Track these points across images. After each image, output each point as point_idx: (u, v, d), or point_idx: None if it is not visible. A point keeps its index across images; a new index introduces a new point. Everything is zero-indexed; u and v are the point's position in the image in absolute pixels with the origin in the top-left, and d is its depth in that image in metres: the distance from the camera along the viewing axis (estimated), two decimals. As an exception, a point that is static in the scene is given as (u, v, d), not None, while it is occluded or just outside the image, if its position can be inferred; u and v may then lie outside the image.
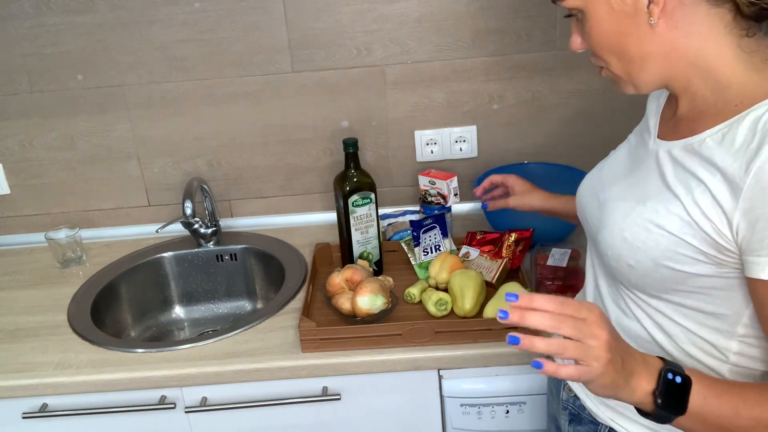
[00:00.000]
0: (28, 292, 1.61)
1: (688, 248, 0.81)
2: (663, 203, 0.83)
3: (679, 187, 0.82)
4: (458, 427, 1.38)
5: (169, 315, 1.73)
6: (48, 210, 1.83)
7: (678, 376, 0.76)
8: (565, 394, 1.07)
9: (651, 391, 0.75)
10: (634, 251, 0.85)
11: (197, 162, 1.78)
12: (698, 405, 0.76)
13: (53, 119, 1.73)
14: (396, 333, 1.30)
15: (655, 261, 0.83)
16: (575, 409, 1.04)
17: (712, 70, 0.82)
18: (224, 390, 1.33)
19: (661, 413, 0.76)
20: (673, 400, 0.75)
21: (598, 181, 1.00)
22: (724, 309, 0.83)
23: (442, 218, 1.56)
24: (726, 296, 0.82)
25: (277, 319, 1.42)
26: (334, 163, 1.77)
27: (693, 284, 0.83)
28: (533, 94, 1.70)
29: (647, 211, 0.85)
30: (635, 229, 0.85)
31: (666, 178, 0.85)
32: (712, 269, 0.81)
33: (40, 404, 1.34)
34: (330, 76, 1.69)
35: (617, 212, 0.90)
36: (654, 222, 0.83)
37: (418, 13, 1.63)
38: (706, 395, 0.76)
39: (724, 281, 0.81)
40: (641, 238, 0.84)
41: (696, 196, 0.79)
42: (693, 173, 0.81)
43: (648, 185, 0.87)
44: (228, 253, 1.73)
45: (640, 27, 0.82)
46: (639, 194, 0.88)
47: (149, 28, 1.64)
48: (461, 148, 1.75)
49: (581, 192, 1.05)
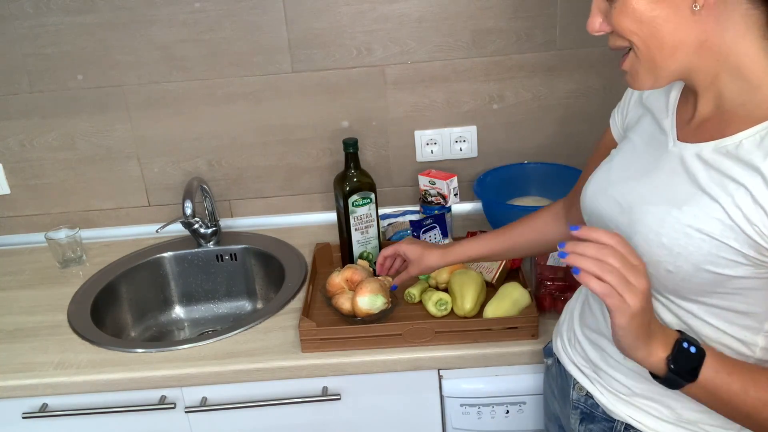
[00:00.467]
0: (28, 292, 1.61)
1: (729, 251, 0.80)
2: (701, 207, 0.82)
3: (717, 191, 0.81)
4: (458, 427, 1.38)
5: (169, 315, 1.73)
6: (48, 210, 1.83)
7: (693, 346, 0.81)
8: (576, 394, 1.05)
9: (665, 356, 0.81)
10: (674, 257, 0.83)
11: (197, 162, 1.78)
12: (709, 377, 0.80)
13: (53, 119, 1.73)
14: (396, 333, 1.30)
15: (696, 265, 0.82)
16: (587, 408, 1.03)
17: (744, 69, 0.81)
18: (224, 390, 1.33)
19: (672, 377, 0.81)
20: (685, 366, 0.80)
21: (610, 184, 0.97)
22: (755, 307, 0.84)
23: (442, 218, 1.56)
24: (759, 295, 0.83)
25: (277, 319, 1.42)
26: (334, 163, 1.77)
27: (730, 286, 0.83)
28: (533, 94, 1.70)
29: (685, 215, 0.83)
30: (674, 234, 0.83)
31: (699, 181, 0.83)
32: (751, 271, 0.81)
33: (40, 404, 1.34)
34: (330, 76, 1.69)
35: (650, 217, 0.87)
36: (694, 227, 0.82)
37: (418, 13, 1.63)
38: (718, 369, 0.80)
39: (759, 281, 0.81)
40: (681, 243, 0.83)
41: (737, 200, 0.79)
42: (730, 176, 0.80)
43: (677, 188, 0.85)
44: (228, 253, 1.73)
45: (679, 12, 0.79)
46: (670, 198, 0.86)
47: (149, 28, 1.64)
48: (461, 148, 1.75)
49: (591, 199, 1.00)
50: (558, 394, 1.13)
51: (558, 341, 1.12)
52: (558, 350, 1.11)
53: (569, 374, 1.07)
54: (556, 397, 1.14)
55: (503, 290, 1.36)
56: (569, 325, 1.10)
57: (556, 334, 1.15)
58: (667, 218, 0.84)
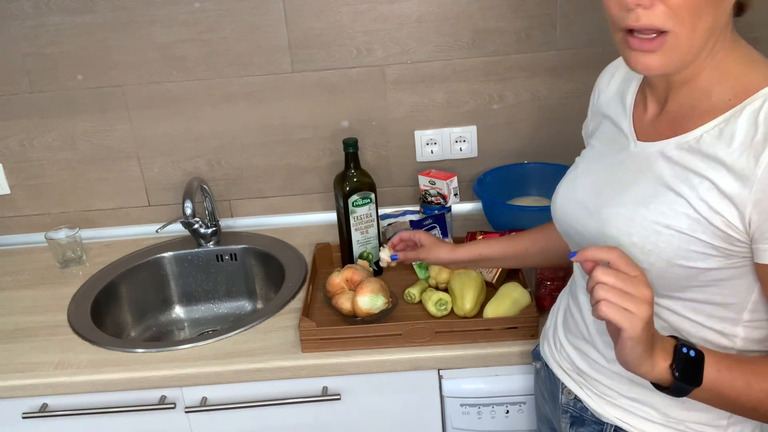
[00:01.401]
0: (28, 292, 1.61)
1: (699, 244, 0.81)
2: (667, 204, 0.83)
3: (682, 186, 0.82)
4: (458, 427, 1.38)
5: (169, 315, 1.73)
6: (48, 210, 1.83)
7: (691, 350, 0.80)
8: (564, 398, 1.06)
9: (668, 366, 0.79)
10: (646, 254, 0.84)
11: (197, 162, 1.78)
12: (713, 378, 0.80)
13: (53, 119, 1.73)
14: (396, 333, 1.30)
15: (669, 261, 0.83)
16: (576, 411, 1.04)
17: (722, 63, 0.82)
18: (224, 390, 1.33)
19: (680, 385, 0.80)
20: (690, 372, 0.80)
21: (576, 192, 0.98)
22: (731, 298, 0.85)
23: (442, 218, 1.56)
24: (733, 285, 0.84)
25: (277, 319, 1.42)
26: (334, 163, 1.77)
27: (704, 279, 0.84)
28: (533, 94, 1.70)
29: (652, 213, 0.84)
30: (643, 233, 0.84)
31: (664, 178, 0.84)
32: (722, 262, 0.82)
33: (40, 404, 1.34)
34: (330, 76, 1.69)
35: (619, 219, 0.88)
36: (662, 223, 0.83)
37: (418, 13, 1.63)
38: (719, 368, 0.80)
39: (732, 271, 0.82)
40: (651, 241, 0.83)
41: (701, 193, 0.80)
42: (694, 170, 0.81)
43: (643, 187, 0.87)
44: (228, 253, 1.73)
45: (724, 1, 0.78)
46: (637, 197, 0.87)
47: (149, 28, 1.64)
48: (461, 148, 1.75)
49: (560, 206, 1.02)
50: (548, 397, 1.13)
51: (545, 346, 1.13)
52: (545, 355, 1.12)
53: (558, 378, 1.07)
54: (547, 400, 1.14)
55: (503, 290, 1.36)
56: (554, 331, 1.11)
57: (543, 338, 1.15)
58: (635, 217, 0.85)
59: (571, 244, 1.03)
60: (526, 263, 1.29)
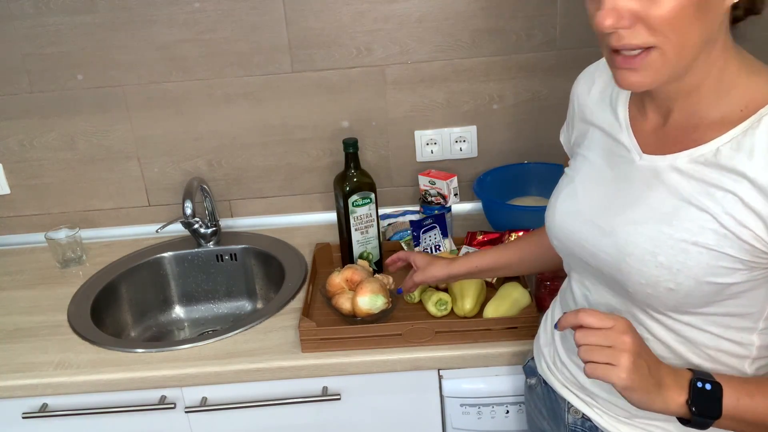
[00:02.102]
0: (28, 292, 1.61)
1: (727, 260, 0.79)
2: (691, 220, 0.80)
3: (705, 200, 0.80)
4: (458, 427, 1.38)
5: (169, 315, 1.73)
6: (48, 210, 1.83)
7: (707, 383, 0.80)
8: (572, 417, 1.03)
9: (684, 401, 0.80)
10: (674, 274, 0.81)
11: (197, 162, 1.78)
12: (732, 407, 0.80)
13: (53, 119, 1.73)
14: (396, 333, 1.30)
15: (697, 279, 0.81)
16: (585, 430, 1.01)
17: (724, 72, 0.81)
18: (224, 390, 1.33)
19: (699, 419, 0.80)
20: (707, 406, 0.80)
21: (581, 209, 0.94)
22: (749, 308, 0.84)
23: (442, 218, 1.56)
24: (752, 296, 0.83)
25: (277, 319, 1.42)
26: (334, 163, 1.77)
27: (728, 293, 0.82)
28: (533, 94, 1.70)
29: (677, 231, 0.81)
30: (670, 252, 0.81)
31: (682, 193, 0.82)
32: (747, 275, 0.80)
33: (40, 404, 1.34)
34: (330, 76, 1.69)
35: (641, 238, 0.84)
36: (689, 241, 0.80)
37: (418, 13, 1.63)
38: (738, 397, 0.80)
39: (753, 283, 0.81)
40: (680, 260, 0.81)
41: (727, 207, 0.78)
42: (715, 185, 0.79)
43: (660, 204, 0.84)
44: (228, 253, 1.73)
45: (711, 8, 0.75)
46: (655, 215, 0.84)
47: (149, 28, 1.64)
48: (461, 148, 1.75)
49: (562, 223, 0.97)
50: (548, 415, 1.10)
51: (542, 362, 1.09)
52: (544, 372, 1.09)
53: (561, 397, 1.05)
54: (546, 417, 1.11)
55: (503, 290, 1.36)
56: (551, 348, 1.07)
57: (538, 354, 1.12)
58: (659, 236, 0.82)
59: (574, 263, 0.99)
60: (521, 271, 1.28)
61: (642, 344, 0.81)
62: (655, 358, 0.82)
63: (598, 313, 0.81)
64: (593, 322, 0.80)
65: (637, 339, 0.80)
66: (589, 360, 0.80)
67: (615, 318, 0.81)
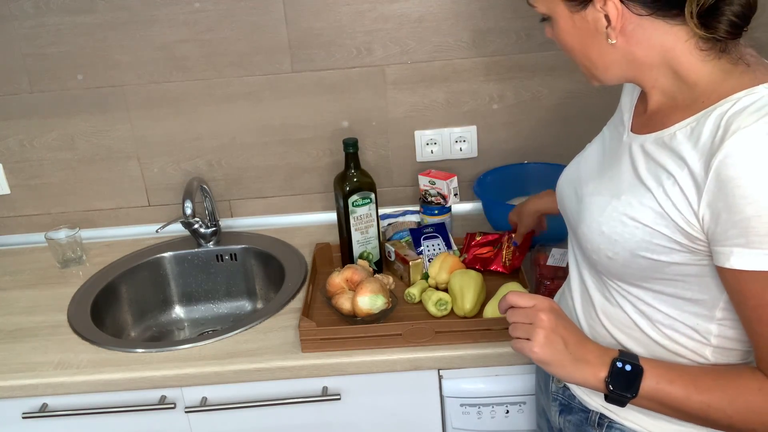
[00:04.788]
0: (28, 292, 1.61)
1: (662, 238, 0.84)
2: (636, 196, 0.86)
3: (651, 180, 0.85)
4: (458, 427, 1.38)
5: (169, 315, 1.73)
6: (48, 210, 1.83)
7: (628, 364, 0.87)
8: (554, 386, 1.09)
9: (603, 377, 0.87)
10: (612, 244, 0.89)
11: (197, 162, 1.78)
12: (650, 389, 0.86)
13: (53, 119, 1.73)
14: (396, 333, 1.30)
15: (632, 252, 0.87)
16: (565, 399, 1.06)
17: (680, 72, 0.85)
18: (224, 390, 1.33)
19: (614, 395, 0.87)
20: (623, 384, 0.86)
21: (577, 176, 1.03)
22: (701, 295, 0.87)
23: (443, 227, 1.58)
24: (702, 282, 0.86)
25: (277, 319, 1.42)
26: (334, 163, 1.77)
27: (669, 272, 0.86)
28: (533, 94, 1.70)
29: (621, 204, 0.88)
30: (611, 223, 0.89)
31: (638, 171, 0.88)
32: (687, 257, 0.84)
33: (40, 404, 1.34)
34: (330, 76, 1.69)
35: (594, 207, 0.93)
36: (628, 215, 0.87)
37: (418, 13, 1.63)
38: (658, 381, 0.86)
39: (699, 268, 0.85)
40: (618, 231, 0.88)
41: (667, 189, 0.82)
42: (663, 166, 0.84)
43: (622, 179, 0.90)
44: (228, 253, 1.73)
45: (601, 43, 0.87)
46: (614, 188, 0.91)
47: (149, 28, 1.64)
48: (461, 148, 1.75)
49: (561, 186, 1.08)
50: (543, 387, 1.15)
51: None
52: None
53: None
54: (542, 390, 1.16)
55: (503, 290, 1.36)
56: None
57: None
58: (606, 208, 0.90)
59: (567, 226, 1.07)
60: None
61: (560, 322, 0.89)
62: (579, 336, 0.90)
63: (523, 294, 0.92)
64: (517, 301, 0.91)
65: (553, 317, 0.88)
66: (513, 336, 0.91)
67: (537, 298, 0.91)
